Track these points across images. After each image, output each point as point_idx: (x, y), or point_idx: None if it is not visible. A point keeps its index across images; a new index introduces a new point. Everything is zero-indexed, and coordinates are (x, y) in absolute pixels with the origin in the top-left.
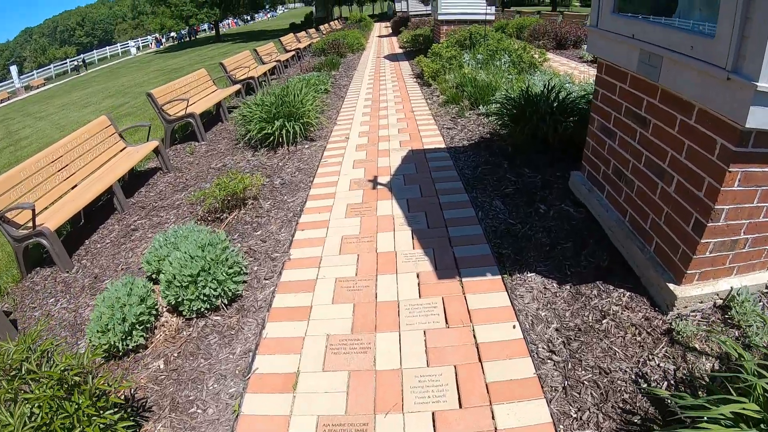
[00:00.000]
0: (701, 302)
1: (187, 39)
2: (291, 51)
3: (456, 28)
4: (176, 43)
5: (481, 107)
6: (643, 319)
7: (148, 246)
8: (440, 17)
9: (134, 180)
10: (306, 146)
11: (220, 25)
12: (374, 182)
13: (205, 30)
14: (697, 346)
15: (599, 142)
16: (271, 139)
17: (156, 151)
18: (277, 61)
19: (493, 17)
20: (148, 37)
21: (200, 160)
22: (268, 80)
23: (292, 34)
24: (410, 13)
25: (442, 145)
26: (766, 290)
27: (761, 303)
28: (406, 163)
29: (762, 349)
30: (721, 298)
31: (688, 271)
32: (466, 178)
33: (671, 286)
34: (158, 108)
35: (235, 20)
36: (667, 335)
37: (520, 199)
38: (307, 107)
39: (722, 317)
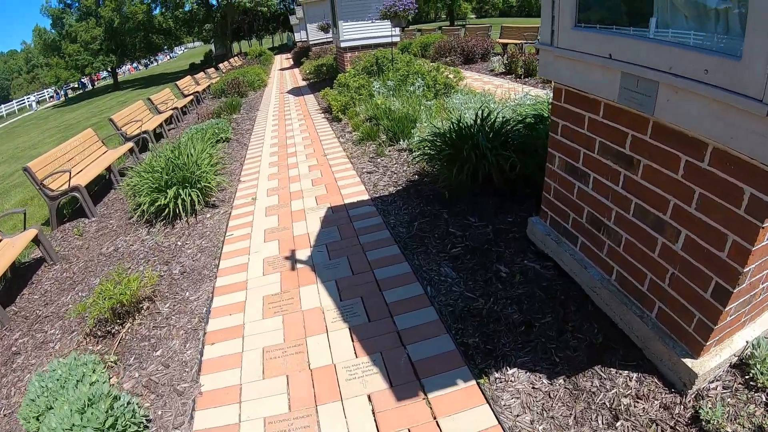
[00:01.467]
0: (719, 368)
1: (90, 88)
2: (189, 95)
3: (361, 54)
4: (76, 94)
5: (401, 142)
6: (662, 409)
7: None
8: (343, 44)
9: (16, 278)
10: (208, 215)
11: (120, 71)
12: (292, 259)
13: (105, 77)
14: (729, 430)
15: (565, 184)
16: (167, 211)
17: (36, 240)
18: (174, 108)
19: (398, 39)
20: (46, 90)
21: (90, 243)
22: (165, 132)
23: (189, 77)
24: (311, 43)
25: (366, 196)
26: None
27: None
28: (327, 227)
29: None
30: (736, 356)
31: (708, 343)
32: (402, 239)
33: (687, 361)
34: (38, 184)
35: (134, 65)
36: (693, 425)
37: (473, 260)
38: (204, 168)
39: (744, 381)
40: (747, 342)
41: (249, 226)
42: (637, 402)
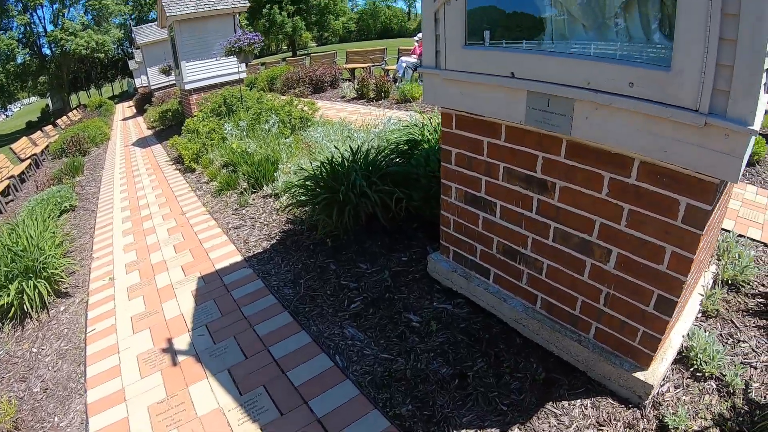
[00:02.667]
0: (666, 370)
1: None
2: (27, 159)
3: (207, 95)
4: None
5: (265, 187)
6: (627, 429)
7: None
8: (187, 86)
9: None
10: (62, 308)
11: None
12: (171, 352)
13: None
14: (696, 428)
15: (467, 216)
16: (12, 311)
17: None
18: (10, 177)
19: (245, 75)
20: None
21: None
22: (2, 206)
23: (26, 138)
24: (153, 87)
25: (238, 257)
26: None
27: (707, 333)
28: (202, 303)
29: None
30: (677, 353)
31: (657, 353)
32: (292, 303)
33: (639, 375)
34: None
35: None
36: None
37: (377, 314)
38: (49, 252)
39: (691, 373)
40: (683, 336)
41: (112, 316)
42: (601, 429)
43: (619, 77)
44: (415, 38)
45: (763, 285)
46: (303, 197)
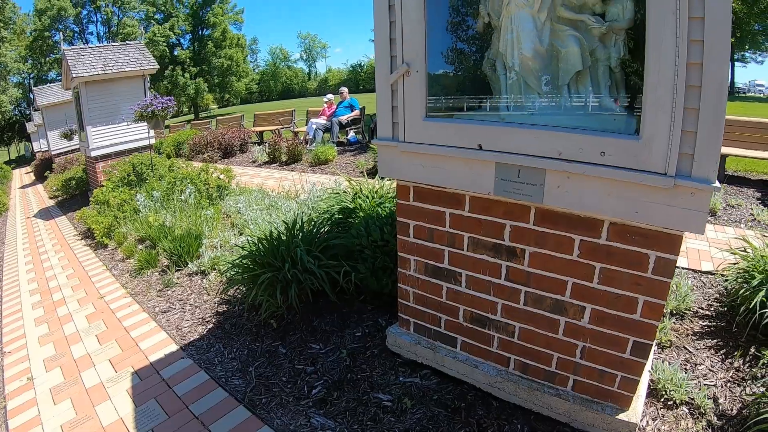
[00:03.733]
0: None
1: None
2: None
3: (115, 162)
4: None
5: (190, 264)
6: None
7: None
8: (93, 153)
9: None
10: None
11: None
12: None
13: None
14: None
15: (428, 287)
16: None
17: None
18: None
19: (154, 140)
20: None
21: None
22: None
23: None
24: (53, 152)
25: (173, 346)
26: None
27: (669, 364)
28: (143, 403)
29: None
30: (648, 387)
31: (637, 394)
32: (245, 395)
33: (623, 417)
34: None
35: None
36: None
37: (343, 397)
38: None
39: (663, 403)
40: (648, 371)
41: (38, 425)
42: None
43: (591, 147)
44: (324, 99)
45: (701, 308)
46: (241, 277)
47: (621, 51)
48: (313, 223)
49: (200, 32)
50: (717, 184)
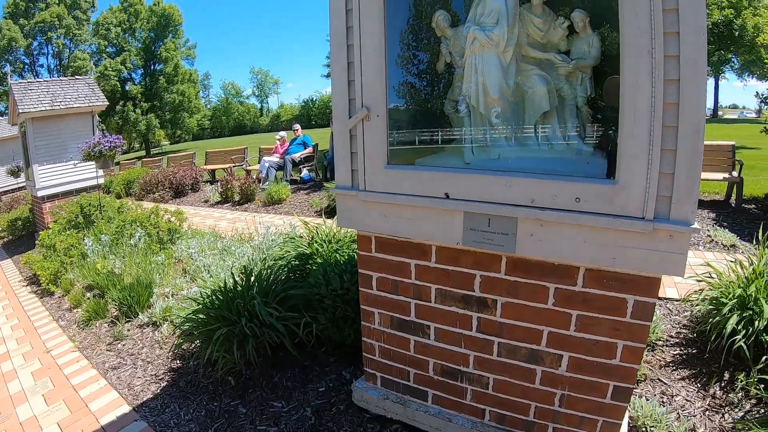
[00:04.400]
0: None
1: None
2: None
3: (62, 203)
4: None
5: (140, 315)
6: None
7: None
8: (40, 193)
9: None
10: None
11: None
12: None
13: None
14: None
15: (395, 341)
16: None
17: None
18: None
19: (102, 179)
20: None
21: None
22: None
23: None
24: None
25: (126, 407)
26: None
27: (647, 400)
28: None
29: None
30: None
31: None
32: None
33: None
34: None
35: None
36: None
37: None
38: None
39: None
40: (627, 409)
41: None
42: None
43: (565, 193)
44: (277, 137)
45: (671, 337)
46: (196, 332)
47: (588, 89)
48: (269, 270)
49: (152, 67)
50: (696, 225)
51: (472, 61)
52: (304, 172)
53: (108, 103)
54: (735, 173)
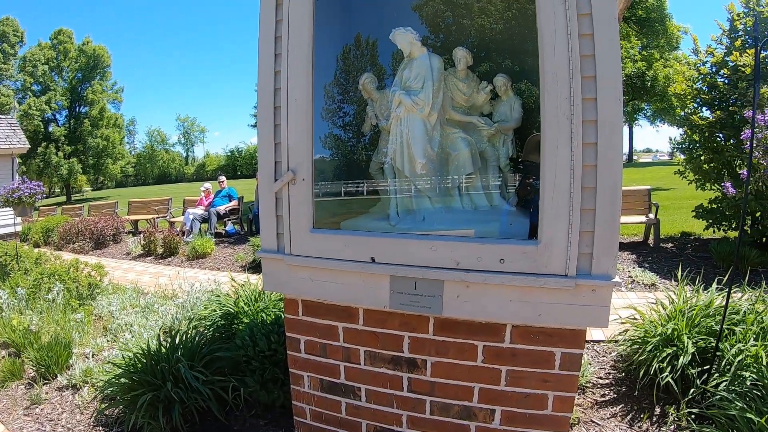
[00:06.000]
0: None
1: None
2: None
3: None
4: None
5: (59, 377)
6: None
7: None
8: None
9: None
10: None
11: None
12: None
13: None
14: None
15: (326, 404)
16: None
17: None
18: None
19: (20, 227)
20: None
21: None
22: None
23: None
24: None
25: None
26: None
27: None
28: None
29: None
30: None
31: None
32: None
33: None
34: None
35: None
36: None
37: None
38: None
39: None
40: None
41: None
42: None
43: (489, 255)
44: (202, 188)
45: (600, 378)
46: (119, 398)
47: (510, 151)
48: (194, 331)
49: (77, 109)
50: (617, 278)
51: (398, 125)
52: (229, 225)
53: (30, 146)
54: (652, 215)
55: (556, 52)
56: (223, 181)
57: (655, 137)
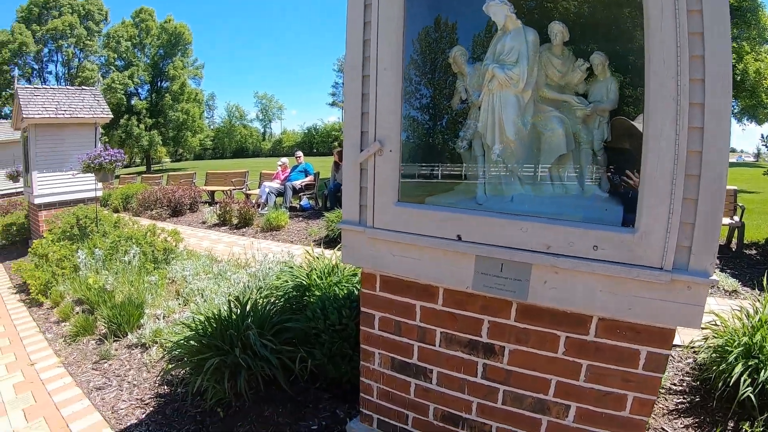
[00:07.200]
0: None
1: None
2: None
3: (59, 212)
4: None
5: (130, 335)
6: None
7: None
8: (37, 200)
9: None
10: None
11: None
12: None
13: None
14: None
15: (394, 383)
16: None
17: None
18: None
19: (101, 192)
20: None
21: None
22: None
23: None
24: None
25: (108, 431)
26: None
27: None
28: None
29: None
30: None
31: None
32: None
33: None
34: None
35: None
36: None
37: None
38: None
39: None
40: None
41: None
42: None
43: (582, 240)
44: (279, 163)
45: (674, 384)
46: (186, 359)
47: (605, 134)
48: (265, 300)
49: (159, 84)
50: (714, 276)
51: (489, 100)
52: (304, 200)
53: (112, 116)
54: (737, 218)
55: (663, 28)
56: (300, 157)
57: (741, 137)
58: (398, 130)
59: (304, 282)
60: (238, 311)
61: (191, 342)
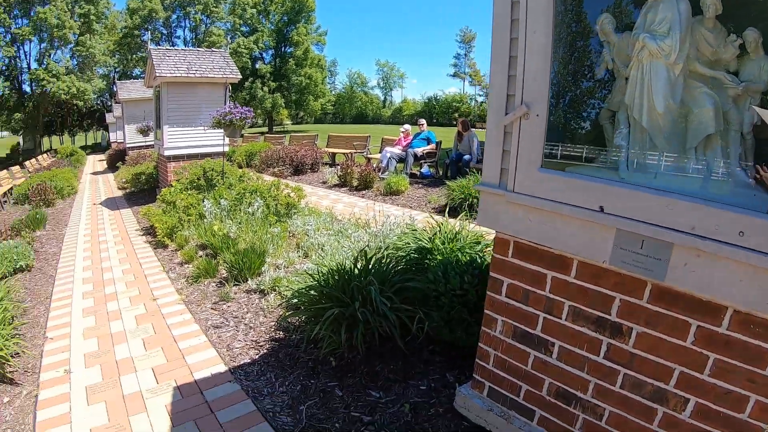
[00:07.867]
0: None
1: None
2: None
3: (186, 164)
4: None
5: (249, 281)
6: None
7: None
8: (167, 152)
9: None
10: (5, 398)
11: None
12: None
13: None
14: None
15: (513, 352)
16: None
17: None
18: None
19: (227, 148)
20: None
21: None
22: None
23: None
24: (128, 145)
25: (222, 366)
26: None
27: None
28: (180, 423)
29: None
30: None
31: None
32: None
33: None
34: None
35: None
36: None
37: None
38: None
39: None
40: None
41: (67, 423)
42: None
43: (728, 224)
44: (402, 129)
45: None
46: (305, 307)
47: (755, 116)
48: (387, 259)
49: (283, 49)
50: None
51: (638, 71)
52: (425, 168)
53: (241, 77)
54: None
55: None
56: (423, 124)
57: None
58: (546, 95)
59: (426, 245)
60: (362, 266)
61: (312, 291)
